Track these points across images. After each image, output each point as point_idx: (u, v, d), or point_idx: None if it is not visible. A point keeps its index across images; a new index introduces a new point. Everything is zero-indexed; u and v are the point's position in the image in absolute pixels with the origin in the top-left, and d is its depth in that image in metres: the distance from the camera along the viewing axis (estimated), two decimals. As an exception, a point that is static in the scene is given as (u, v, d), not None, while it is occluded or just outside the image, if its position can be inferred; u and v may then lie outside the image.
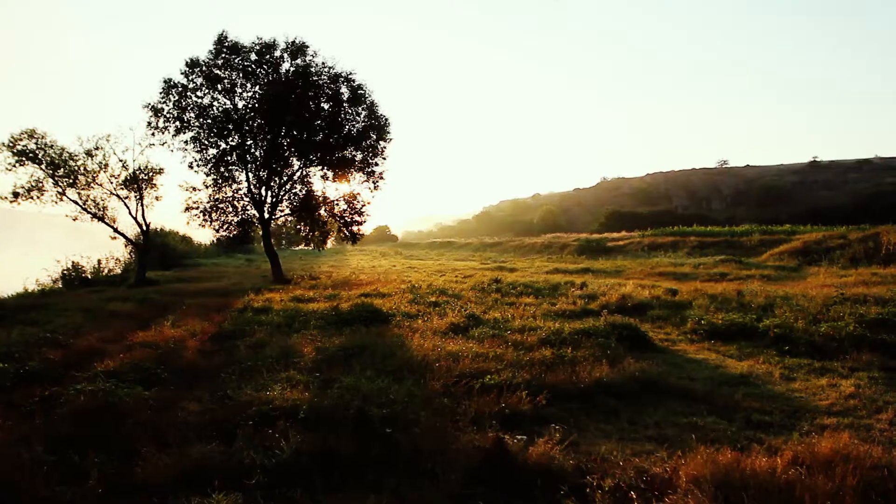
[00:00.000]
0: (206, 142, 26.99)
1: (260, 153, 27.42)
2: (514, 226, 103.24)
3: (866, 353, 9.63)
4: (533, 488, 4.94)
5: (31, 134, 23.48)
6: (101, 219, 25.78)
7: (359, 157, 28.20)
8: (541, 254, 47.93)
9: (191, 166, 27.11)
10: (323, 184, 29.33)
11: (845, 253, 27.44)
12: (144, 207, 26.57)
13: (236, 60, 26.31)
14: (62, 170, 24.26)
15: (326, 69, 26.95)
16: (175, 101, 26.28)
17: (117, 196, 25.93)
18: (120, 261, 31.99)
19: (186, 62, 26.21)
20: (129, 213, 26.34)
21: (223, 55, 26.22)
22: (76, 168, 24.60)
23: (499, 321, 12.58)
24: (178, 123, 26.45)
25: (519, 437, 5.79)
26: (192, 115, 26.56)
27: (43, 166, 23.78)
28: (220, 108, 26.86)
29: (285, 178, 28.33)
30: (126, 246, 30.92)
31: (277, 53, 26.69)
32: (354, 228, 29.48)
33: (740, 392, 8.03)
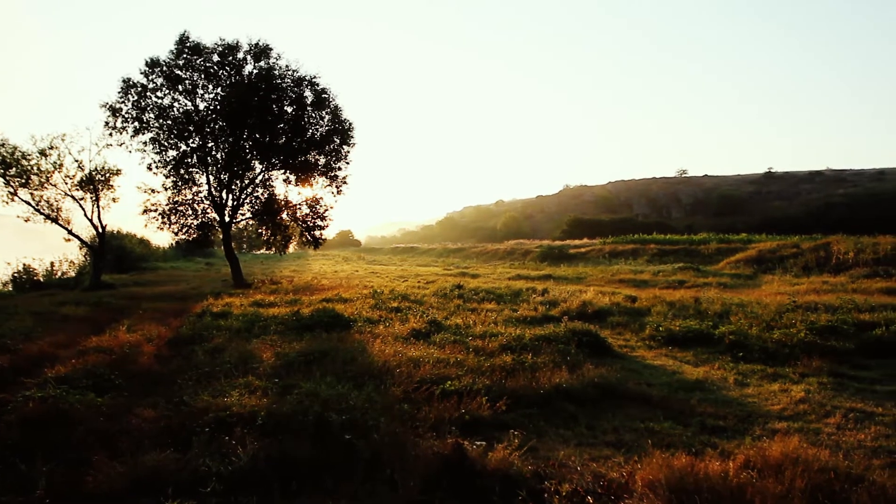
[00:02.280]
0: (166, 143, 26.51)
1: (221, 156, 27.05)
2: (478, 232, 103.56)
3: (816, 359, 9.92)
4: (492, 494, 4.96)
5: (-20, 132, 22.80)
6: (55, 220, 25.15)
7: (322, 161, 28.03)
8: (503, 260, 48.17)
9: (150, 168, 26.56)
10: (285, 187, 29.17)
11: (798, 262, 28.24)
12: (101, 209, 26.03)
13: (198, 61, 25.93)
14: (14, 169, 23.62)
15: (290, 72, 26.77)
16: (134, 101, 25.77)
17: (72, 197, 25.34)
18: (74, 263, 31.18)
19: (146, 62, 25.72)
20: (85, 214, 25.78)
21: (184, 56, 25.81)
22: (29, 168, 23.99)
23: (460, 327, 12.61)
24: (136, 124, 25.92)
25: (478, 442, 5.81)
26: (152, 115, 26.06)
27: (-7, 165, 23.11)
28: (181, 110, 26.43)
29: (247, 182, 27.98)
30: (81, 248, 30.17)
31: (240, 55, 26.40)
32: (317, 233, 29.28)
33: (696, 397, 8.20)
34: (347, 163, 28.65)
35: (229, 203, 27.86)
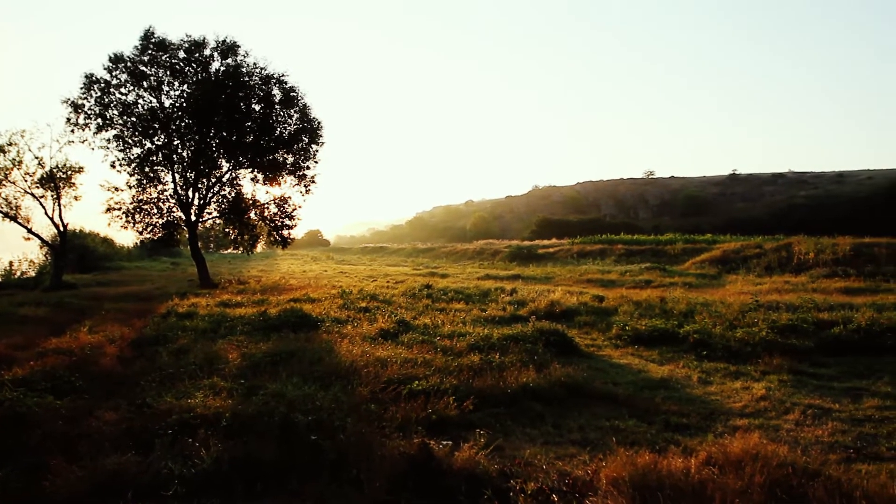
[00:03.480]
0: (130, 140, 26.08)
1: (187, 154, 26.70)
2: (447, 232, 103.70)
3: (777, 356, 10.12)
4: (458, 493, 4.96)
5: (-66, 128, 22.14)
6: (14, 218, 24.55)
7: (290, 159, 27.85)
8: (473, 260, 48.30)
9: (113, 165, 26.11)
10: (253, 186, 28.99)
11: (761, 262, 28.83)
12: (62, 207, 25.48)
13: (163, 57, 25.54)
14: (-30, 166, 22.97)
15: (258, 70, 26.56)
16: (97, 97, 25.32)
17: (32, 195, 24.77)
18: (34, 263, 30.54)
19: (110, 57, 25.25)
20: (45, 212, 25.22)
21: (149, 51, 25.41)
22: (-14, 164, 23.34)
23: (429, 327, 12.61)
24: (99, 120, 25.47)
25: (445, 442, 5.81)
26: (116, 112, 25.61)
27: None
28: (146, 106, 26.06)
29: (214, 180, 27.67)
30: (41, 247, 29.57)
31: (207, 52, 26.09)
32: (285, 232, 29.09)
33: (660, 395, 8.30)
34: (316, 162, 28.57)
35: (195, 202, 27.52)
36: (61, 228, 25.59)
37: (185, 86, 26.07)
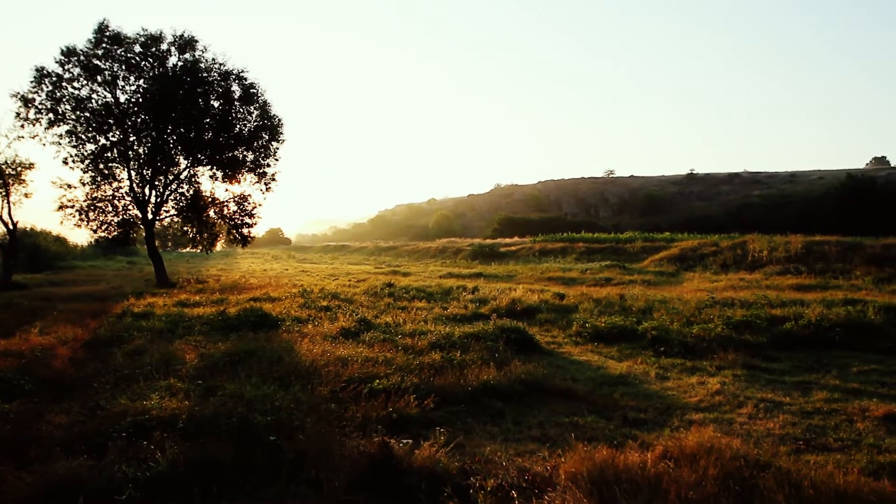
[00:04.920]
0: (84, 136, 25.33)
1: (144, 150, 26.09)
2: (410, 230, 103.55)
3: (732, 352, 10.40)
4: (417, 492, 4.96)
5: None
6: (-40, 216, 23.72)
7: (250, 157, 27.48)
8: (435, 258, 48.36)
9: (66, 162, 25.31)
10: (212, 184, 28.52)
11: (717, 259, 29.49)
12: (11, 205, 24.81)
13: (118, 51, 24.89)
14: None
15: (217, 65, 26.12)
16: (48, 91, 24.51)
17: (-21, 192, 23.93)
18: (-19, 263, 29.46)
19: (62, 50, 24.47)
20: (-6, 210, 24.37)
21: (104, 45, 24.72)
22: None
23: (390, 325, 12.61)
24: (51, 115, 24.67)
25: (405, 441, 5.82)
26: (68, 107, 24.85)
27: None
28: (100, 101, 25.32)
29: (171, 178, 27.14)
30: (-10, 246, 28.55)
31: (164, 46, 25.54)
32: (245, 231, 28.73)
33: (619, 391, 8.44)
34: (277, 159, 28.28)
35: (152, 200, 26.96)
36: (10, 227, 24.88)
37: (142, 81, 25.46)
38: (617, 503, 4.50)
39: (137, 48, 25.13)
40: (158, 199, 27.06)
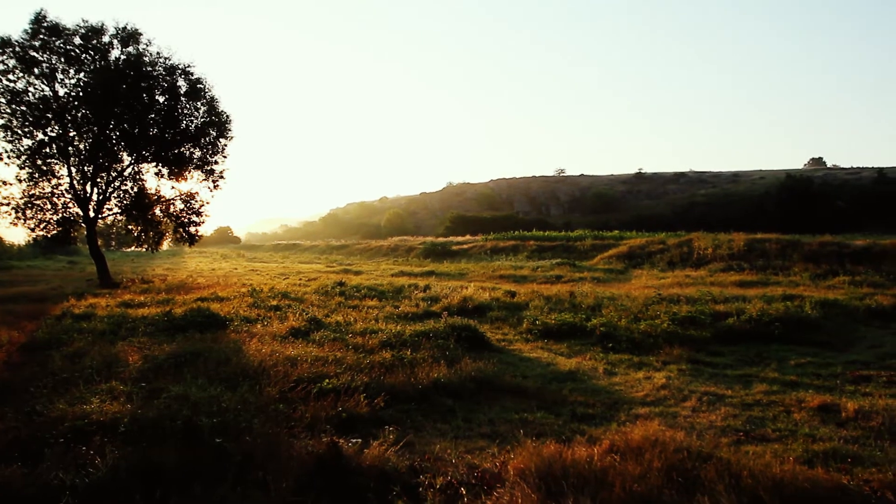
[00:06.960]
0: (20, 131, 24.27)
1: (85, 146, 25.21)
2: (362, 228, 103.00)
3: (677, 347, 10.69)
4: (366, 491, 4.94)
5: None
6: None
7: (197, 154, 26.90)
8: (387, 257, 48.21)
9: (0, 158, 24.26)
10: (158, 181, 27.79)
11: (664, 257, 30.20)
12: (-60, 202, 23.53)
13: (57, 43, 23.96)
14: None
15: (162, 59, 25.46)
16: (-21, 83, 23.44)
17: None
18: None
19: (-5, 41, 23.45)
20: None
21: (41, 36, 23.76)
22: None
23: (341, 324, 12.52)
24: (-17, 109, 23.58)
25: (354, 440, 5.78)
26: (3, 100, 23.79)
27: None
28: (38, 95, 24.31)
29: (114, 175, 26.32)
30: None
31: (106, 39, 24.73)
32: (192, 229, 28.12)
33: (568, 387, 8.56)
34: (225, 156, 27.79)
35: (94, 197, 26.08)
36: (-59, 225, 23.72)
37: (82, 74, 24.57)
38: (564, 497, 4.55)
39: (77, 40, 24.25)
40: (101, 197, 26.20)
